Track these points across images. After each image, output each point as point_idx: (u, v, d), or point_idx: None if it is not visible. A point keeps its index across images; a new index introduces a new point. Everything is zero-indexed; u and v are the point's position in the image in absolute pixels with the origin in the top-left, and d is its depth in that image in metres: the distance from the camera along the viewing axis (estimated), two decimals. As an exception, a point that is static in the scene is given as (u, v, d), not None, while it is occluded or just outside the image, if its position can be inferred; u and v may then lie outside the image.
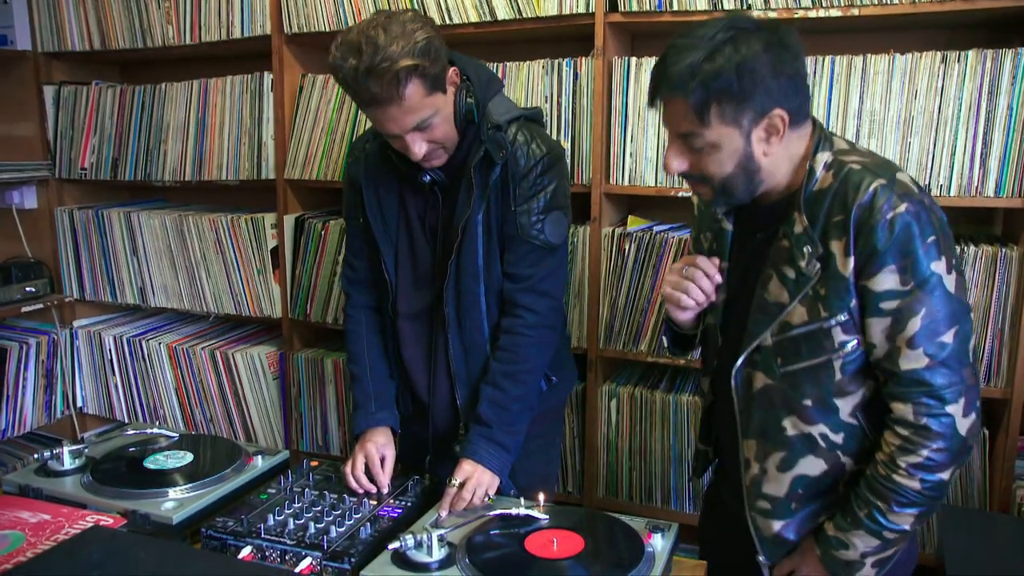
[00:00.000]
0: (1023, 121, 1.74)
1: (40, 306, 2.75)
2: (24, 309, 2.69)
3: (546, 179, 1.56)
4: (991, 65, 1.75)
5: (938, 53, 1.79)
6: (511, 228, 1.56)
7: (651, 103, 1.22)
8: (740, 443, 1.32)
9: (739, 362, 1.29)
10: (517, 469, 1.62)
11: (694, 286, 1.33)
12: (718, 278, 1.34)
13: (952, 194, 1.81)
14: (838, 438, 1.24)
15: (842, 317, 1.18)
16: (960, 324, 1.16)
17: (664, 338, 1.53)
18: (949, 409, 1.15)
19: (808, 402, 1.24)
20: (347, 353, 1.74)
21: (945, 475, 1.18)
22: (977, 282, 1.81)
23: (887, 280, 1.14)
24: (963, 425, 1.16)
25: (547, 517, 1.38)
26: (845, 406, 1.23)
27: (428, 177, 1.56)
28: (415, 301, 1.66)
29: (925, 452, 1.16)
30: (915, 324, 1.14)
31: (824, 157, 1.21)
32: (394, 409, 1.70)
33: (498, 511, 1.40)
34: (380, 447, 1.60)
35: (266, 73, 2.40)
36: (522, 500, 1.43)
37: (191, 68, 2.69)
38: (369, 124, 1.63)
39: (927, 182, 1.82)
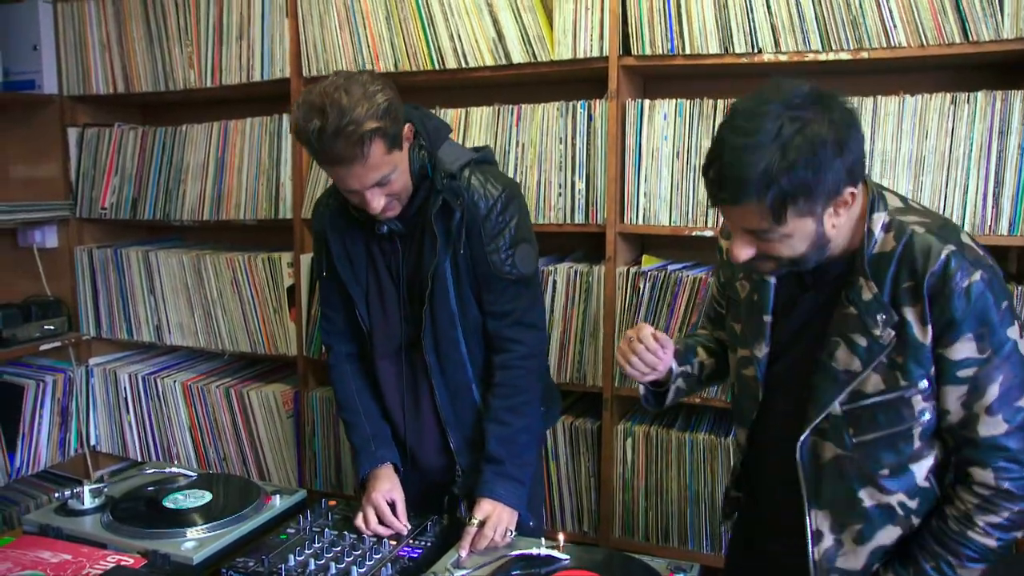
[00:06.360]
0: (1034, 161, 1.76)
1: (58, 344, 2.77)
2: (42, 347, 2.72)
3: (507, 216, 1.61)
4: (1000, 106, 1.78)
5: (947, 95, 1.82)
6: (484, 269, 1.61)
7: (714, 204, 1.18)
8: (808, 513, 1.29)
9: (806, 433, 1.26)
10: None
11: (636, 359, 1.35)
12: (662, 353, 1.36)
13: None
14: (914, 504, 1.24)
15: (923, 385, 1.18)
16: None
17: (641, 387, 1.52)
18: None
19: (885, 471, 1.23)
20: (337, 403, 1.77)
21: (1019, 533, 1.19)
22: (993, 320, 1.81)
23: (965, 349, 1.14)
24: None
25: (568, 557, 1.37)
26: (920, 471, 1.23)
27: (385, 228, 1.61)
28: (389, 345, 1.70)
29: (1005, 513, 1.17)
30: (993, 392, 1.14)
31: (881, 218, 1.20)
32: (393, 447, 1.71)
33: (519, 551, 1.40)
34: (386, 493, 1.60)
35: (285, 115, 2.45)
36: (543, 540, 1.43)
37: (211, 110, 2.74)
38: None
39: (940, 221, 1.83)
